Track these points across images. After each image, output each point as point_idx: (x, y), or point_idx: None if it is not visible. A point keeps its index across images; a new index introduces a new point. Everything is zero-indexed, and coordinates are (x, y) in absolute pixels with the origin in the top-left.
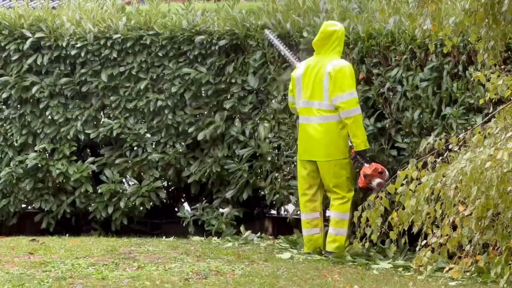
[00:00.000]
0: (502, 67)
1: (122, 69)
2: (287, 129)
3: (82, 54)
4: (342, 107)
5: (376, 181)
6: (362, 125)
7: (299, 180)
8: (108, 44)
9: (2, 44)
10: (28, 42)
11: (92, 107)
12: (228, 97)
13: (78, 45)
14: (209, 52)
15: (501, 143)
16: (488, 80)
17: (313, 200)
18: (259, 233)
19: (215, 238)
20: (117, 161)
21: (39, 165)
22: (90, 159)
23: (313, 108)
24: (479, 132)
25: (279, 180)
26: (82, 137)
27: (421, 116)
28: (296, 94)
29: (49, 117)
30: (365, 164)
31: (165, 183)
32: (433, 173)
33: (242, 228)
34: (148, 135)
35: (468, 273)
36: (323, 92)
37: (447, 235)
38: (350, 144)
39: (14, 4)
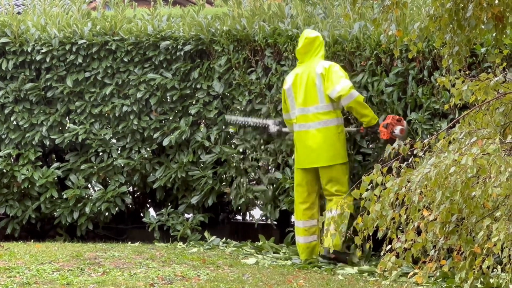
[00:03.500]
0: (467, 72)
1: (87, 74)
2: (251, 132)
3: (47, 60)
4: (341, 95)
5: (398, 128)
6: (365, 104)
7: (297, 189)
8: (74, 49)
9: None
10: None
11: (57, 113)
12: (194, 102)
13: (43, 51)
14: (175, 57)
15: (465, 149)
16: (453, 86)
17: (311, 208)
18: (224, 238)
19: (181, 243)
20: (82, 167)
21: (4, 171)
22: (56, 164)
23: (309, 114)
24: (444, 137)
25: (244, 184)
26: (47, 142)
27: None
28: (290, 104)
29: (14, 122)
30: (379, 132)
31: (130, 189)
32: (398, 178)
33: (206, 234)
34: (113, 140)
35: (432, 278)
36: (317, 95)
37: (411, 240)
38: (357, 127)
39: None
